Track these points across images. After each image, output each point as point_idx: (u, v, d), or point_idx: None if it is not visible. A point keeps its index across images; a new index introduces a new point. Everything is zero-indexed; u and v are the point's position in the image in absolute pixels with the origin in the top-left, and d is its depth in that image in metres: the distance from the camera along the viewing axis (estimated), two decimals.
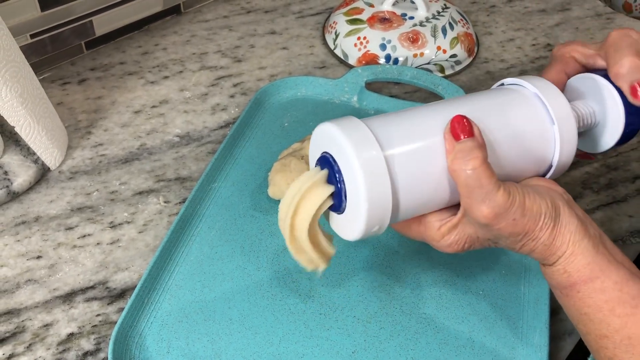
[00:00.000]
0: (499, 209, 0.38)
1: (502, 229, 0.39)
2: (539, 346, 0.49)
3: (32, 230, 0.57)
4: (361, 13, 0.78)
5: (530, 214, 0.39)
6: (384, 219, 0.38)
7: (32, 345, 0.49)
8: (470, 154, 0.37)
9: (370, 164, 0.37)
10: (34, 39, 0.70)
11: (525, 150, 0.42)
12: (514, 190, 0.38)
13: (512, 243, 0.40)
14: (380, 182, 0.37)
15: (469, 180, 0.37)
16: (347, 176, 0.38)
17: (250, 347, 0.48)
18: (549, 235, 0.39)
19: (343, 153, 0.38)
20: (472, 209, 0.38)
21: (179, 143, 0.66)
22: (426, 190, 0.39)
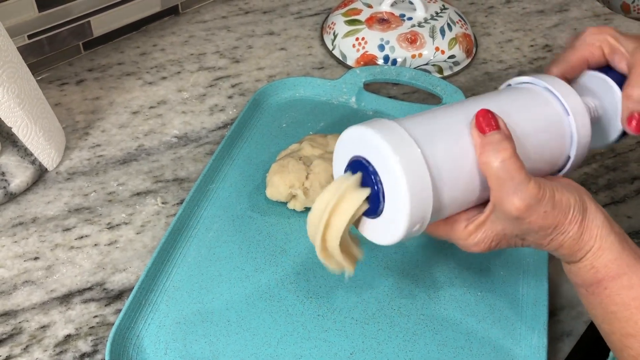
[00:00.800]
0: (531, 200, 0.37)
1: (533, 222, 0.38)
2: (538, 347, 0.49)
3: (30, 231, 0.56)
4: (359, 14, 0.78)
5: (560, 207, 0.38)
6: (425, 217, 0.37)
7: (29, 346, 0.49)
8: (499, 146, 0.37)
9: (409, 161, 0.36)
10: (32, 39, 0.70)
11: (545, 144, 0.42)
12: (544, 182, 0.38)
13: (541, 238, 0.40)
14: (421, 180, 0.36)
15: (499, 173, 0.37)
16: (385, 176, 0.37)
17: (248, 348, 0.48)
18: (578, 229, 0.39)
19: (379, 153, 0.37)
20: (503, 201, 0.38)
21: (177, 144, 0.66)
22: (461, 186, 0.39)
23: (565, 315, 0.53)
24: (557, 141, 0.42)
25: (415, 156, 0.37)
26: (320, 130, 0.67)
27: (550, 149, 0.42)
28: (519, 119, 0.41)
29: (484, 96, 0.43)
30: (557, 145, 0.42)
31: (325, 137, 0.61)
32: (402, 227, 0.37)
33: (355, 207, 0.39)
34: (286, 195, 0.57)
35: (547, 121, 0.42)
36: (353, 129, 0.39)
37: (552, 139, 0.42)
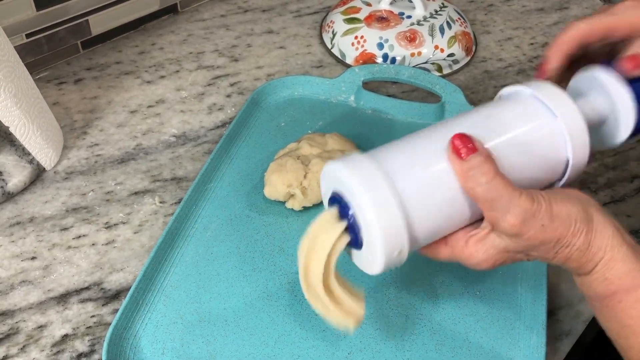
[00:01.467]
0: (525, 214, 0.36)
1: (532, 237, 0.37)
2: (536, 347, 0.49)
3: (27, 231, 0.56)
4: (358, 12, 0.78)
5: (559, 219, 0.37)
6: (403, 248, 0.38)
7: (26, 346, 0.48)
8: (481, 169, 0.37)
9: (377, 196, 0.36)
10: (30, 38, 0.70)
11: (535, 155, 0.40)
12: (537, 195, 0.37)
13: (545, 252, 0.39)
14: (390, 212, 0.36)
15: (486, 195, 0.37)
16: (357, 211, 0.38)
17: (245, 348, 0.48)
18: (584, 241, 0.38)
19: (349, 189, 0.38)
20: (498, 221, 0.37)
21: (175, 143, 0.66)
22: (442, 212, 0.39)
23: (564, 314, 0.53)
24: (550, 149, 0.41)
25: (382, 190, 0.36)
26: (319, 129, 0.67)
27: (543, 158, 0.41)
28: (501, 135, 0.40)
29: (460, 116, 0.42)
30: (551, 154, 0.41)
31: (323, 136, 0.61)
32: (379, 260, 0.38)
33: (332, 239, 0.39)
34: (284, 195, 0.57)
35: (536, 130, 0.41)
36: (329, 165, 0.40)
37: (543, 148, 0.41)
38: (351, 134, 0.64)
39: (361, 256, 0.40)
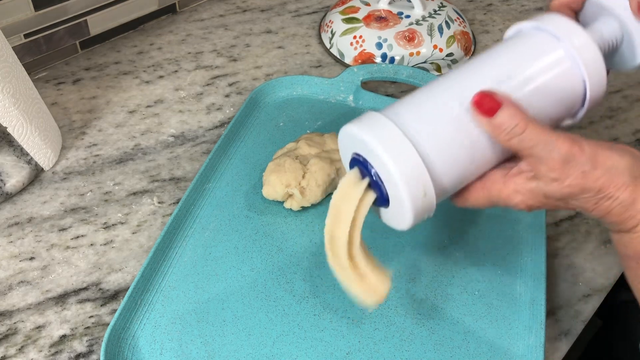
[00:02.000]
0: (565, 155, 0.36)
1: (573, 183, 0.36)
2: (535, 347, 0.49)
3: (25, 231, 0.56)
4: (357, 12, 0.77)
5: (603, 168, 0.36)
6: (427, 190, 0.38)
7: (24, 347, 0.48)
8: (511, 122, 0.36)
9: (392, 144, 0.37)
10: (28, 38, 0.70)
11: (553, 91, 0.40)
12: (581, 141, 0.36)
13: (585, 202, 0.37)
14: (407, 156, 0.37)
15: (523, 145, 0.36)
16: (377, 164, 0.38)
17: (243, 348, 0.48)
18: (628, 196, 0.36)
19: (365, 145, 0.38)
20: (539, 166, 0.37)
21: (174, 143, 0.66)
22: (465, 156, 0.38)
23: (563, 314, 0.53)
24: (567, 83, 0.40)
25: (397, 138, 0.37)
26: (318, 128, 0.67)
27: (561, 93, 0.40)
28: (520, 75, 0.39)
29: (480, 59, 0.41)
30: (568, 87, 0.40)
31: (322, 136, 0.61)
32: (407, 208, 0.38)
33: (357, 198, 0.39)
34: (283, 195, 0.57)
35: (551, 66, 0.40)
36: (345, 128, 0.40)
37: (560, 83, 0.40)
38: None
39: (390, 213, 0.40)
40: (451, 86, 0.40)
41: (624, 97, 0.75)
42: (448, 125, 0.38)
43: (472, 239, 0.56)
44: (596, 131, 0.70)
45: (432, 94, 0.40)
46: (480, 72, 0.40)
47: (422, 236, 0.56)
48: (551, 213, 0.61)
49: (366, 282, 0.41)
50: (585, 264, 0.57)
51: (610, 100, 0.75)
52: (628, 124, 0.72)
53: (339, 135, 0.42)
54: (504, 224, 0.58)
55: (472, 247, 0.56)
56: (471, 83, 0.39)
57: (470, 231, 0.57)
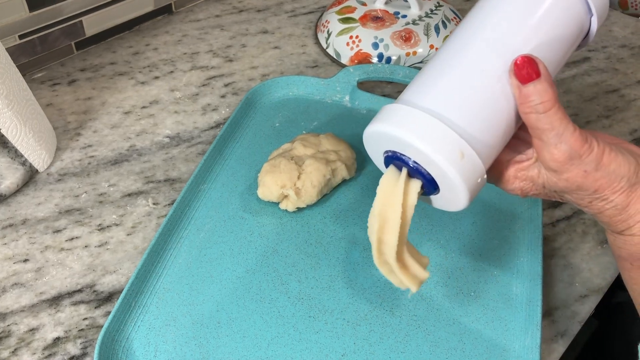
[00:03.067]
0: (572, 152, 0.36)
1: (571, 178, 0.36)
2: (531, 348, 0.48)
3: (19, 233, 0.56)
4: (353, 12, 0.77)
5: (605, 171, 0.36)
6: (482, 181, 0.37)
7: (17, 350, 0.48)
8: (540, 97, 0.36)
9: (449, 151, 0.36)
10: (23, 39, 0.70)
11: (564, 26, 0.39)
12: (593, 139, 0.36)
13: (579, 199, 0.38)
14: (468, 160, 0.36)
15: (539, 124, 0.36)
16: (417, 156, 0.37)
17: (238, 350, 0.48)
18: (622, 200, 0.37)
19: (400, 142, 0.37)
20: (543, 152, 0.37)
21: (169, 144, 0.65)
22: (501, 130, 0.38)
23: (559, 315, 0.53)
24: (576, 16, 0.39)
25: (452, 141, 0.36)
26: (314, 129, 0.67)
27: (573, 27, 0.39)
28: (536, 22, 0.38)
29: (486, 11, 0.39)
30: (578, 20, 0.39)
31: (317, 137, 0.61)
32: (464, 198, 0.37)
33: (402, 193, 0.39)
34: (278, 196, 0.57)
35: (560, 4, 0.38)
36: (368, 130, 0.39)
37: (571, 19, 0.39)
38: (346, 134, 0.63)
39: (442, 198, 0.40)
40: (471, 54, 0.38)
41: (621, 96, 0.75)
42: (479, 96, 0.37)
43: (468, 239, 0.56)
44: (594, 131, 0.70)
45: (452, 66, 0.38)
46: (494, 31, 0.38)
47: (418, 237, 0.56)
48: (548, 214, 0.60)
49: (409, 272, 0.41)
50: (582, 265, 0.56)
51: (607, 99, 0.75)
52: (625, 124, 0.71)
53: (363, 140, 0.41)
54: (501, 225, 0.58)
55: (468, 247, 0.56)
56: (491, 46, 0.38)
57: (466, 232, 0.57)
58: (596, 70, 0.79)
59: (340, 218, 0.57)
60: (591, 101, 0.74)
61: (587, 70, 0.79)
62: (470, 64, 0.38)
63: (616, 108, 0.74)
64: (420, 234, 0.56)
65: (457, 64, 0.38)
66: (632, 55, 0.82)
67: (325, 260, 0.54)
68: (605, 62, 0.80)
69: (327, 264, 0.54)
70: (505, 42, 0.38)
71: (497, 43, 0.38)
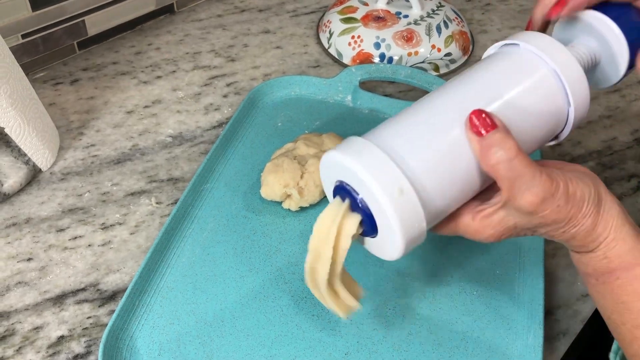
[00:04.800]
0: (545, 193, 0.36)
1: (547, 216, 0.37)
2: (534, 346, 0.49)
3: (23, 232, 0.56)
4: (355, 12, 0.77)
5: (574, 200, 0.37)
6: (421, 230, 0.37)
7: (21, 348, 0.48)
8: (502, 146, 0.36)
9: (389, 184, 0.35)
10: (26, 39, 0.70)
11: (537, 112, 0.40)
12: (556, 175, 0.37)
13: (554, 231, 0.39)
14: (407, 200, 0.36)
15: (508, 173, 0.36)
16: (366, 195, 0.37)
17: (242, 349, 0.48)
18: (592, 222, 0.38)
19: (352, 175, 0.37)
20: (516, 199, 0.37)
21: (172, 143, 0.66)
22: (458, 186, 0.38)
23: (561, 314, 0.53)
24: (551, 103, 0.40)
25: (390, 170, 0.36)
26: (316, 129, 0.67)
27: (546, 113, 0.40)
28: (504, 96, 0.39)
29: (463, 79, 0.40)
30: (553, 107, 0.40)
31: (320, 136, 0.61)
32: (399, 246, 0.37)
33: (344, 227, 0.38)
34: (281, 195, 0.57)
35: (535, 87, 0.39)
36: (329, 154, 0.39)
37: (545, 104, 0.40)
38: (348, 134, 0.63)
39: (378, 242, 0.39)
40: (437, 109, 0.39)
41: (622, 96, 0.75)
42: (436, 147, 0.37)
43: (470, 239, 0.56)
44: (594, 131, 0.71)
45: (418, 116, 0.39)
46: (463, 94, 0.39)
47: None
48: None
49: (339, 301, 0.42)
50: None
51: (609, 99, 0.75)
52: (626, 124, 0.72)
53: (320, 164, 0.41)
54: None
55: (469, 247, 0.56)
56: (456, 105, 0.39)
57: None
58: None
59: None
60: (592, 101, 0.74)
61: None
62: (436, 121, 0.38)
63: (617, 108, 0.74)
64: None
65: (425, 119, 0.39)
66: None
67: None
68: None
69: None
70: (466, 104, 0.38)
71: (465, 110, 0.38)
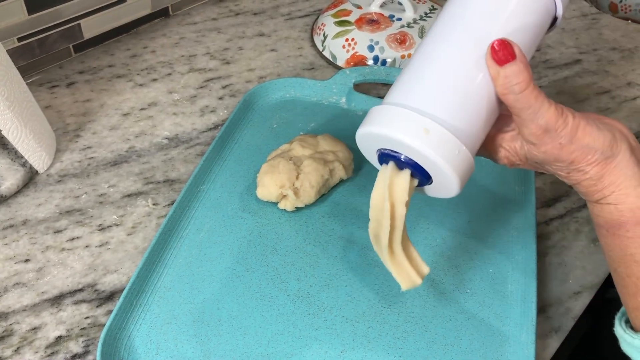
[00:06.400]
0: (547, 125, 0.38)
1: (548, 151, 0.39)
2: (526, 343, 0.49)
3: (20, 233, 0.57)
4: (349, 15, 0.78)
5: (579, 144, 0.39)
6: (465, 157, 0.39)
7: (20, 348, 0.49)
8: (517, 77, 0.38)
9: (414, 129, 0.38)
10: (22, 42, 0.70)
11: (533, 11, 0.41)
12: (568, 114, 0.39)
13: (558, 169, 0.41)
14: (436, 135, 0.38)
15: (517, 103, 0.38)
16: (408, 152, 0.40)
17: (239, 347, 0.49)
18: (597, 172, 0.39)
19: (391, 141, 0.40)
20: (522, 127, 0.39)
21: (168, 145, 0.66)
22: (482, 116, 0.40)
23: (553, 311, 0.54)
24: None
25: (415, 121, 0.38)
26: (311, 130, 0.68)
27: (541, 13, 0.41)
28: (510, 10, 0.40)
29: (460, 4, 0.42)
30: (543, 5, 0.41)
31: (315, 138, 0.62)
32: (453, 178, 0.39)
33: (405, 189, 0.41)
34: (277, 196, 0.57)
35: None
36: (360, 132, 0.42)
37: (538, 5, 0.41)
38: (343, 135, 0.64)
39: (436, 187, 0.42)
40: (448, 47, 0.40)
41: (612, 98, 0.77)
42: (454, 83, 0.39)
43: (464, 238, 0.57)
44: None
45: (426, 59, 0.41)
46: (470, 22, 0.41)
47: (414, 236, 0.57)
48: (542, 213, 0.62)
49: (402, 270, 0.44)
50: (575, 262, 0.58)
51: (599, 101, 0.76)
52: None
53: (357, 143, 0.43)
54: (496, 223, 0.59)
55: (463, 246, 0.57)
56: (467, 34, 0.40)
57: (462, 230, 0.58)
58: (588, 72, 0.81)
59: (338, 217, 0.58)
60: (583, 102, 0.76)
61: (578, 72, 0.80)
62: (448, 56, 0.40)
63: (608, 109, 0.75)
64: (417, 232, 0.57)
65: (435, 57, 0.40)
66: (622, 57, 0.83)
67: (324, 259, 0.55)
68: (596, 65, 0.82)
69: (325, 262, 0.55)
70: (480, 31, 0.40)
71: (473, 33, 0.40)
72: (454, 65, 0.40)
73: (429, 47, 0.41)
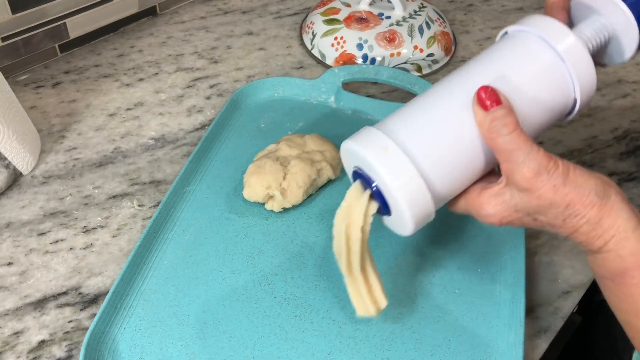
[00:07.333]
0: (540, 168, 0.38)
1: (543, 195, 0.38)
2: (515, 344, 0.49)
3: (3, 236, 0.56)
4: (338, 13, 0.78)
5: (573, 185, 0.38)
6: (429, 208, 0.40)
7: (1, 353, 0.48)
8: (503, 120, 0.38)
9: (393, 164, 0.39)
10: (6, 42, 0.69)
11: (544, 93, 0.41)
12: (556, 157, 0.39)
13: (554, 218, 0.39)
14: (410, 178, 0.39)
15: (506, 146, 0.38)
16: (382, 186, 0.41)
17: (224, 351, 0.48)
18: (595, 214, 0.38)
19: (365, 163, 0.41)
20: (513, 172, 0.39)
21: (154, 146, 0.65)
22: (465, 165, 0.41)
23: (542, 311, 0.53)
24: (557, 86, 0.41)
25: (398, 158, 0.39)
26: (300, 130, 0.67)
27: (551, 95, 0.41)
28: (512, 78, 0.41)
29: (468, 67, 0.43)
30: (559, 90, 0.41)
31: (302, 137, 0.61)
32: (409, 225, 0.41)
33: (362, 208, 0.43)
34: (263, 196, 0.57)
35: (540, 69, 0.41)
36: (344, 144, 0.43)
37: (550, 86, 0.41)
38: (331, 135, 0.64)
39: (393, 221, 0.43)
40: (444, 95, 0.42)
41: (603, 95, 0.76)
42: (442, 133, 0.40)
43: (452, 237, 0.57)
44: (575, 130, 0.71)
45: (426, 104, 0.42)
46: (470, 78, 0.42)
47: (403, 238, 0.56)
48: None
49: (372, 295, 0.46)
50: (565, 262, 0.57)
51: None
52: (606, 122, 0.72)
53: (340, 150, 0.45)
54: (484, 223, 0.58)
55: (451, 246, 0.56)
56: (465, 91, 0.41)
57: (450, 230, 0.57)
58: None
59: (325, 218, 0.58)
60: None
61: None
62: (446, 106, 0.41)
63: (597, 107, 0.75)
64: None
65: (435, 104, 0.42)
66: None
67: (311, 260, 0.54)
68: None
69: (312, 263, 0.54)
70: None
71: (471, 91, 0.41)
72: (443, 113, 0.41)
73: (435, 95, 0.42)
